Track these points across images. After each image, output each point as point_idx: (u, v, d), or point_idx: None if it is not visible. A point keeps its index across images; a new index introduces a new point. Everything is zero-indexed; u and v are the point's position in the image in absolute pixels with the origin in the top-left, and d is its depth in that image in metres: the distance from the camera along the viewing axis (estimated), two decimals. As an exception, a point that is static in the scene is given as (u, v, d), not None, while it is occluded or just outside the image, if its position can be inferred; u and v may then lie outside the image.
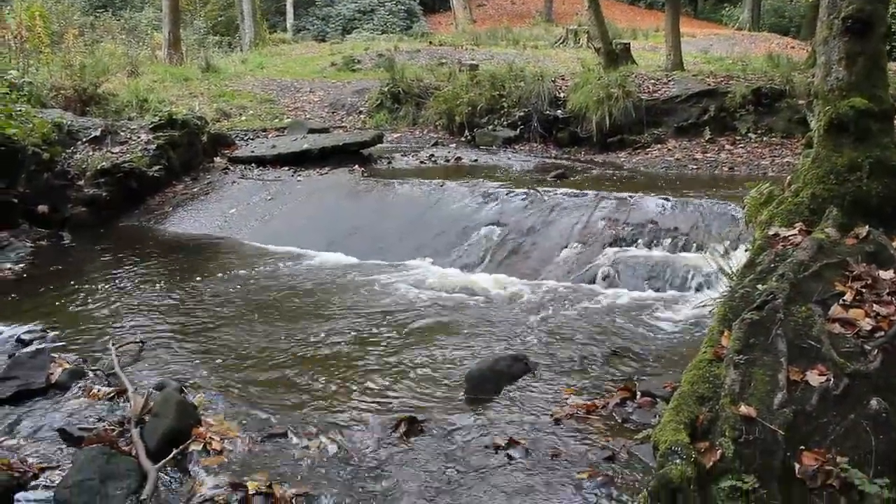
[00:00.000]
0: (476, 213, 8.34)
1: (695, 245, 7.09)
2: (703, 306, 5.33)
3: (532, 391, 4.57)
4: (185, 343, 5.66)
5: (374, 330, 5.80)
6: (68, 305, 6.76)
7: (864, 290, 3.63)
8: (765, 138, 11.71)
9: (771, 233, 4.35)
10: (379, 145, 11.98)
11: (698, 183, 9.33)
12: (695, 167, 10.86)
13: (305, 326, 5.93)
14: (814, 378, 3.22)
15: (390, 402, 4.51)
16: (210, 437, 3.99)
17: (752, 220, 5.00)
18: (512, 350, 5.11)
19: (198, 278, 7.44)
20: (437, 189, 9.04)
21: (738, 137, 11.89)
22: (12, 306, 6.78)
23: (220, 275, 7.56)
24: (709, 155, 11.48)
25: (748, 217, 5.15)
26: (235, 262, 8.08)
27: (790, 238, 4.18)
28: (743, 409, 3.09)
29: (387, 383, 4.80)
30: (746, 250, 5.03)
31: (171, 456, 3.82)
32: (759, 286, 3.76)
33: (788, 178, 4.82)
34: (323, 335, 5.71)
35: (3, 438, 4.25)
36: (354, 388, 4.75)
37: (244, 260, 8.13)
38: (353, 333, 5.73)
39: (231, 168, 11.39)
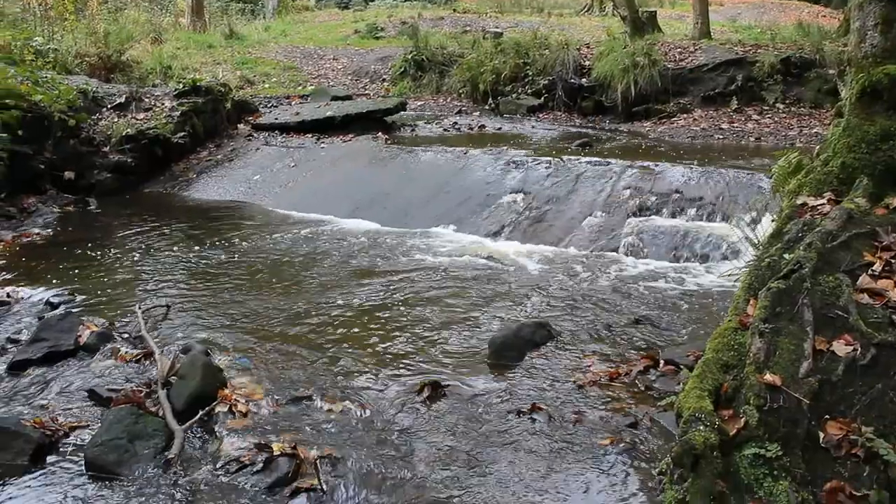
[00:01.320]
0: (500, 181, 8.32)
1: (720, 215, 7.03)
2: (728, 275, 5.29)
3: (555, 358, 4.57)
4: (209, 307, 5.71)
5: (397, 296, 5.82)
6: (95, 270, 6.84)
7: (893, 261, 3.59)
8: (793, 109, 11.54)
9: (799, 202, 4.29)
10: (402, 113, 11.96)
11: (724, 153, 9.22)
12: (721, 137, 10.72)
13: (329, 291, 5.97)
14: (840, 348, 3.19)
15: (413, 367, 4.54)
16: (235, 400, 4.04)
17: (780, 190, 4.94)
18: (535, 317, 5.11)
19: (222, 244, 7.50)
20: (461, 157, 9.01)
21: (765, 107, 11.73)
22: (41, 270, 6.87)
23: (244, 240, 7.61)
24: (735, 125, 11.32)
25: (775, 186, 5.09)
26: (259, 228, 8.13)
27: (819, 207, 4.12)
28: (768, 377, 3.07)
29: (410, 348, 4.82)
30: (773, 220, 4.97)
31: (197, 417, 3.87)
32: (786, 255, 3.72)
33: (818, 147, 4.74)
34: (346, 300, 5.74)
35: (34, 398, 4.33)
36: (378, 352, 4.78)
37: (268, 226, 8.18)
38: (376, 299, 5.75)
39: (255, 135, 11.42)
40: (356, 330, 5.16)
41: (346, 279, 6.29)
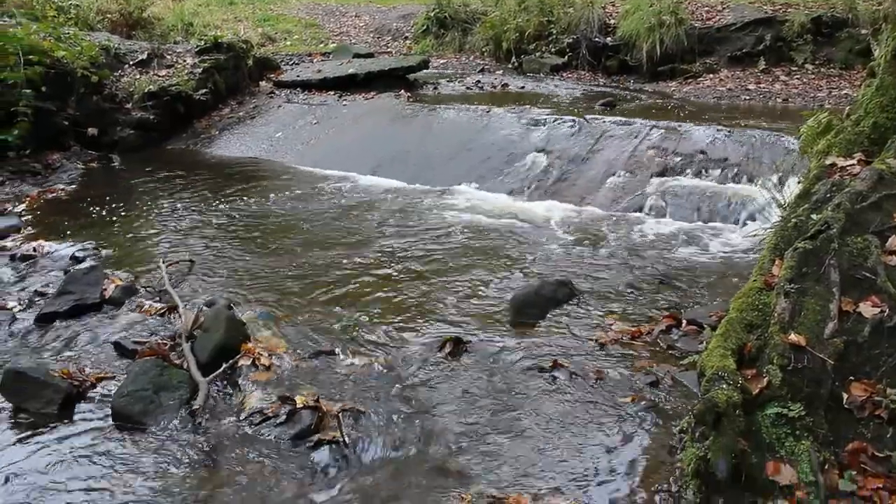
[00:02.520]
0: (522, 139, 8.25)
1: (745, 176, 6.93)
2: (753, 236, 5.25)
3: (577, 316, 4.57)
4: (232, 262, 5.75)
5: (419, 253, 5.83)
6: (119, 225, 6.89)
7: (923, 222, 3.53)
8: (822, 69, 11.29)
9: (828, 162, 4.22)
10: (424, 71, 11.86)
11: (751, 114, 9.07)
12: (747, 98, 10.54)
13: (351, 248, 5.98)
14: (867, 309, 3.16)
15: (435, 323, 4.55)
16: (259, 353, 4.08)
17: (808, 150, 4.86)
18: (557, 275, 5.10)
19: (244, 200, 7.53)
20: (484, 115, 8.94)
21: (793, 68, 11.48)
22: (66, 225, 6.94)
23: (266, 197, 7.63)
24: (762, 86, 11.11)
25: (804, 147, 5.00)
26: (281, 184, 8.14)
27: (848, 168, 4.05)
28: (792, 337, 3.05)
29: (432, 305, 4.83)
30: (799, 181, 4.90)
31: (221, 369, 3.92)
32: (814, 216, 3.67)
33: (848, 107, 4.65)
34: (368, 257, 5.76)
35: (61, 350, 4.40)
36: (400, 308, 4.80)
37: (290, 183, 8.19)
38: (398, 256, 5.77)
39: (276, 92, 11.40)
40: (378, 286, 5.18)
41: (367, 236, 6.30)
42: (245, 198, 7.60)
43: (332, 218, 6.86)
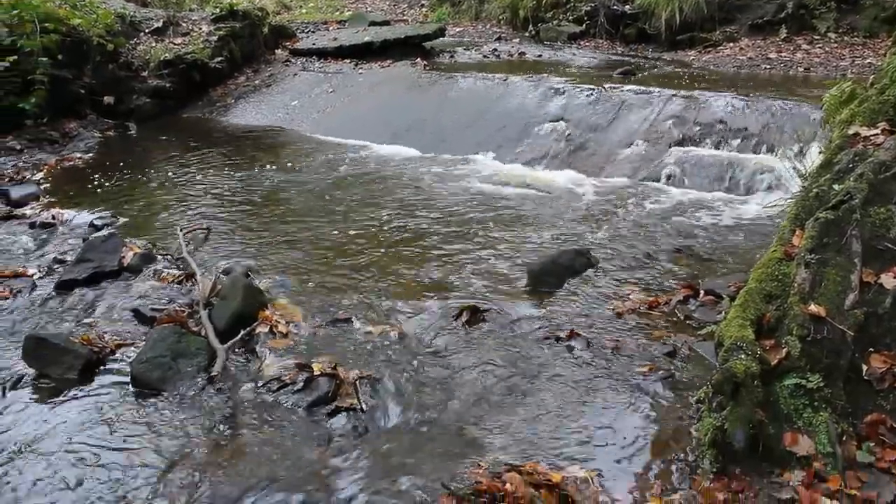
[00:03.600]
0: (540, 108, 8.18)
1: (765, 146, 6.85)
2: (773, 206, 5.19)
3: (594, 285, 4.55)
4: (249, 230, 5.77)
5: (436, 222, 5.82)
6: (136, 193, 6.92)
7: (948, 193, 3.48)
8: (846, 38, 11.09)
9: (851, 132, 4.15)
10: (441, 39, 11.76)
11: (771, 83, 8.94)
12: (768, 67, 10.37)
13: (367, 217, 5.98)
14: (888, 280, 3.13)
15: (452, 291, 4.55)
16: (276, 321, 4.10)
17: (831, 120, 4.79)
18: (574, 244, 5.08)
19: (260, 168, 7.53)
20: (501, 83, 8.86)
21: (816, 37, 11.28)
22: (83, 193, 6.97)
23: (282, 165, 7.64)
24: (784, 55, 10.94)
25: (826, 116, 4.93)
26: (297, 153, 8.14)
27: (872, 138, 3.99)
28: (812, 308, 3.03)
29: (448, 273, 4.83)
30: (821, 151, 4.83)
31: (238, 337, 3.94)
32: (836, 186, 3.62)
33: (872, 76, 4.57)
34: (384, 225, 5.76)
35: (81, 316, 4.44)
36: (416, 276, 4.80)
37: (306, 151, 8.19)
38: (414, 224, 5.76)
39: (292, 60, 11.35)
40: (395, 254, 5.18)
41: (384, 205, 6.29)
42: (261, 166, 7.61)
43: (348, 187, 6.85)
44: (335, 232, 5.64)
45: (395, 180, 7.00)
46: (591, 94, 8.13)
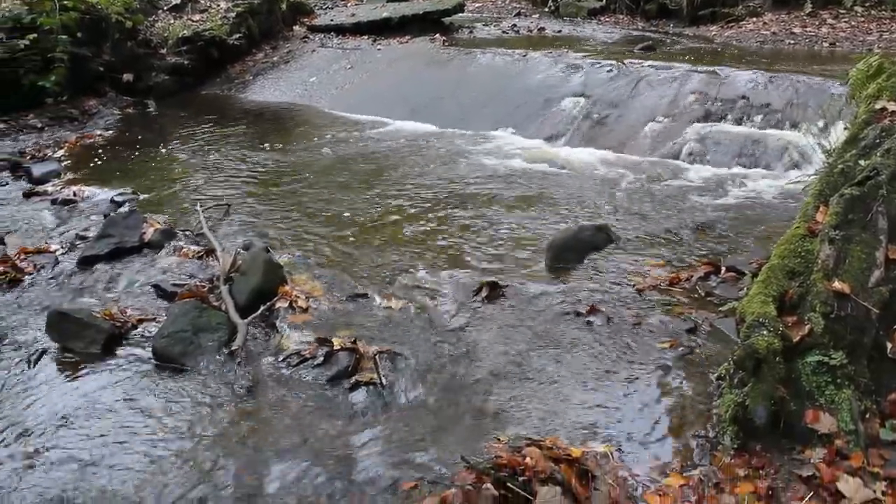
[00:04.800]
0: (560, 84, 8.12)
1: (788, 122, 6.76)
2: (797, 182, 5.13)
3: (614, 262, 4.52)
4: (268, 206, 5.78)
5: (455, 198, 5.81)
6: (156, 170, 6.95)
7: (977, 169, 3.41)
8: (873, 12, 10.92)
9: (878, 107, 4.08)
10: (459, 14, 11.70)
11: (795, 59, 8.82)
12: (792, 42, 10.23)
13: (387, 192, 5.98)
14: (914, 257, 3.09)
15: (471, 267, 4.54)
16: (296, 296, 4.11)
17: (857, 95, 4.71)
18: (595, 220, 5.05)
19: (279, 145, 7.54)
20: (520, 59, 8.81)
21: (841, 11, 11.12)
22: (104, 170, 7.02)
23: (301, 141, 7.65)
24: (808, 29, 10.78)
25: (853, 91, 4.85)
26: (316, 129, 8.15)
27: (899, 112, 3.93)
28: (836, 284, 2.99)
29: (468, 249, 4.82)
30: (846, 127, 4.76)
31: (259, 311, 3.96)
32: (862, 161, 3.57)
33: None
34: (404, 201, 5.75)
35: (103, 291, 4.48)
36: (436, 252, 4.80)
37: (325, 127, 8.19)
38: (433, 201, 5.75)
39: (310, 37, 11.33)
40: (414, 230, 5.18)
41: (403, 181, 6.28)
42: (280, 143, 7.61)
43: (368, 163, 6.85)
44: (355, 208, 5.64)
45: (414, 156, 6.99)
46: (612, 69, 8.06)
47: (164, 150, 7.57)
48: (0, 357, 3.80)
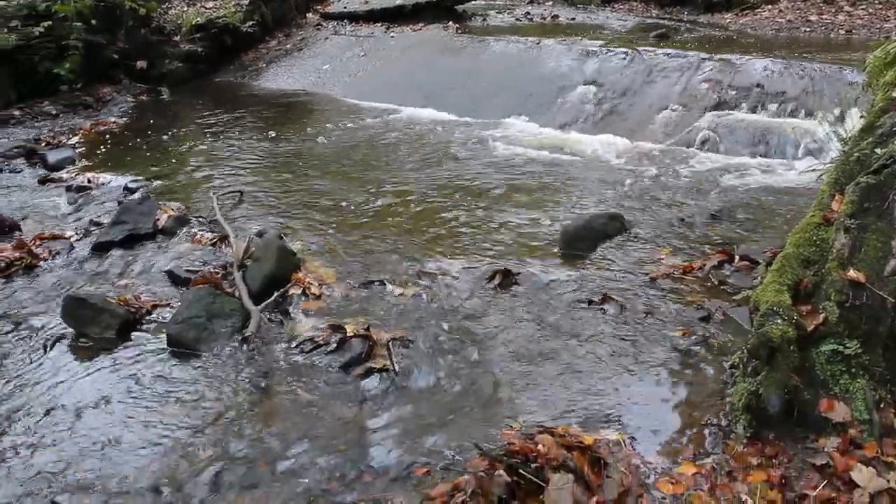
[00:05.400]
0: (573, 71, 8.09)
1: (804, 110, 6.71)
2: (812, 170, 5.10)
3: (627, 250, 4.52)
4: (281, 193, 5.80)
5: (468, 185, 5.80)
6: (170, 157, 6.97)
7: None
8: (890, -1, 10.80)
9: (895, 94, 4.05)
10: (473, 2, 11.69)
11: (811, 46, 8.73)
12: (808, 30, 10.13)
13: (399, 180, 5.99)
14: (931, 246, 3.06)
15: (484, 255, 4.54)
16: (309, 283, 4.12)
17: (874, 82, 4.66)
18: (608, 209, 5.04)
19: (292, 132, 7.55)
20: (534, 47, 8.78)
21: (858, -2, 11.00)
22: (118, 157, 7.05)
23: (314, 129, 7.65)
24: (825, 17, 10.68)
25: (869, 78, 4.80)
26: (329, 116, 8.16)
27: (917, 100, 3.88)
28: (851, 273, 2.97)
29: (481, 237, 4.83)
30: (862, 116, 4.72)
31: (272, 298, 3.97)
32: (879, 150, 3.53)
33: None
34: (417, 189, 5.76)
35: (117, 277, 4.50)
36: (449, 240, 4.80)
37: (338, 115, 8.20)
38: (446, 188, 5.75)
39: (323, 24, 11.33)
40: (427, 217, 5.19)
41: (416, 168, 6.28)
42: (293, 130, 7.63)
43: (381, 150, 6.85)
44: (367, 195, 5.65)
45: (427, 144, 6.98)
46: (625, 57, 8.02)
47: (177, 138, 7.59)
48: (16, 342, 3.83)
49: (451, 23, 10.43)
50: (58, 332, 3.87)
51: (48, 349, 3.74)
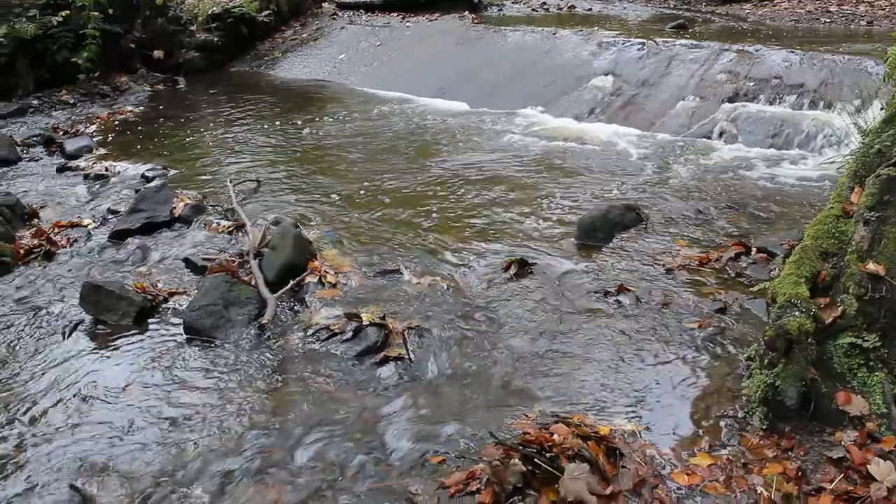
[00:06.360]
0: (589, 62, 8.07)
1: (822, 102, 6.66)
2: (832, 162, 5.06)
3: (643, 241, 4.50)
4: (297, 182, 5.81)
5: (484, 176, 5.80)
6: (186, 145, 7.00)
7: None
8: (912, -11, 10.67)
9: (917, 86, 4.01)
10: (489, -8, 11.61)
11: (831, 37, 8.67)
12: (828, 21, 10.04)
13: (415, 169, 5.99)
14: (952, 239, 3.03)
15: (500, 244, 4.54)
16: (325, 271, 4.13)
17: (895, 74, 4.62)
18: (624, 200, 5.02)
19: (308, 121, 7.56)
20: (550, 37, 8.75)
21: (879, -12, 10.88)
22: (135, 145, 7.09)
23: (330, 118, 7.66)
24: (845, 7, 10.58)
25: (890, 70, 4.75)
26: (345, 106, 8.16)
27: (938, 91, 3.84)
28: (871, 266, 2.95)
29: (497, 226, 4.82)
30: (882, 108, 4.67)
31: (288, 286, 3.99)
32: (899, 142, 3.50)
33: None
34: (433, 178, 5.76)
35: (134, 265, 4.53)
36: (465, 229, 4.80)
37: (354, 105, 8.20)
38: (462, 179, 5.74)
39: (339, 14, 11.32)
40: (443, 207, 5.18)
41: (432, 158, 6.28)
42: (309, 119, 7.64)
43: (396, 140, 6.85)
44: (383, 184, 5.65)
45: (443, 134, 6.98)
46: (643, 48, 7.99)
47: (193, 126, 7.61)
48: (35, 328, 3.86)
49: (466, 13, 10.41)
50: (76, 319, 3.90)
51: (66, 335, 3.77)
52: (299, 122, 7.53)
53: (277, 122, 7.60)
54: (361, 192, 5.52)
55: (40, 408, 3.19)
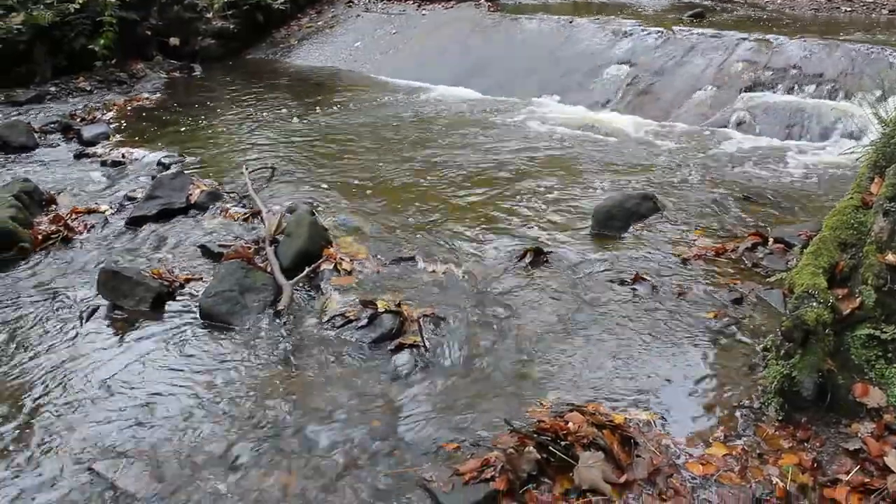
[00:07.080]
0: (606, 51, 8.03)
1: (842, 92, 6.60)
2: (851, 153, 5.01)
3: (660, 231, 4.48)
4: (313, 169, 5.82)
5: (499, 163, 5.79)
6: (202, 132, 7.02)
7: None
8: (936, -22, 10.51)
9: (938, 75, 3.97)
10: (505, -21, 11.55)
11: (851, 26, 8.57)
12: (848, 10, 9.93)
13: (431, 158, 5.99)
14: (972, 230, 3.00)
15: (516, 233, 4.54)
16: (340, 258, 4.14)
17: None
18: (640, 189, 4.99)
19: (324, 109, 7.57)
20: (566, 25, 8.70)
21: (902, -24, 10.72)
22: (151, 132, 7.11)
23: (345, 106, 7.67)
24: (865, -5, 10.45)
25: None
26: (361, 94, 8.17)
27: (961, 81, 3.80)
28: (890, 257, 2.93)
29: (512, 215, 4.82)
30: (902, 97, 4.63)
31: (304, 273, 3.99)
32: (921, 132, 3.47)
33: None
34: (449, 167, 5.75)
35: (151, 251, 4.56)
36: (480, 217, 4.79)
37: (369, 92, 8.21)
38: (478, 166, 5.74)
39: (355, 1, 11.32)
40: (458, 195, 5.18)
41: (447, 146, 6.27)
42: (324, 107, 7.64)
43: (412, 128, 6.84)
44: (398, 172, 5.66)
45: (459, 122, 6.97)
46: (660, 37, 7.93)
47: (209, 113, 7.64)
48: (53, 313, 3.89)
49: (483, 1, 10.36)
50: (93, 304, 3.93)
51: (84, 321, 3.80)
52: (317, 109, 7.54)
53: (292, 110, 7.61)
54: (376, 179, 5.53)
55: (58, 392, 3.22)
